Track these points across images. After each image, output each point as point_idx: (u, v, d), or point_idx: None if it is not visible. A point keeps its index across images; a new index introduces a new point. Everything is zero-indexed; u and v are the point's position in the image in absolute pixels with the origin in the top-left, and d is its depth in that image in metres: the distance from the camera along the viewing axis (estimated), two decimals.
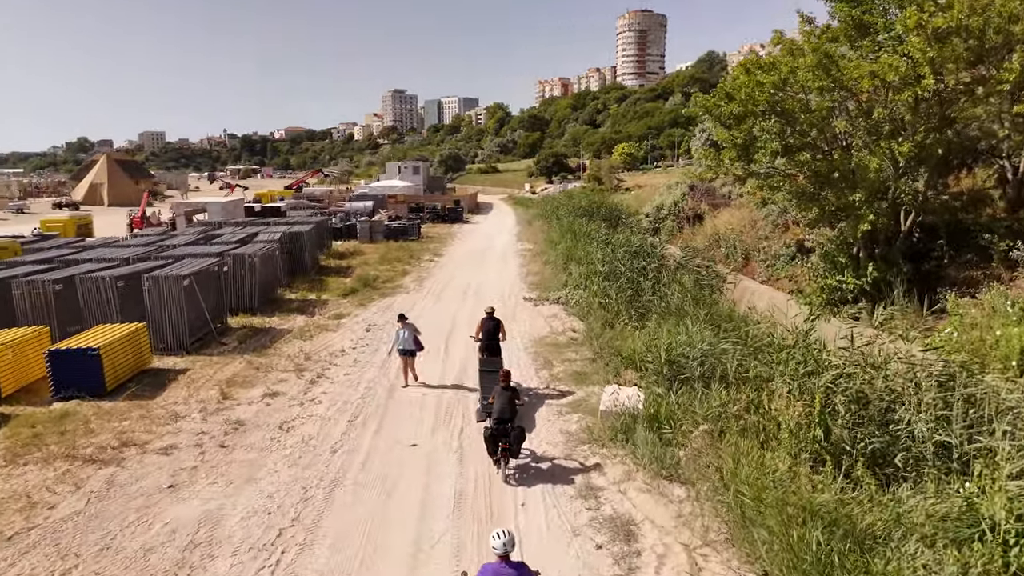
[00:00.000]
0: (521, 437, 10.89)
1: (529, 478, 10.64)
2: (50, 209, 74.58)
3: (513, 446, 10.64)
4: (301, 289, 26.39)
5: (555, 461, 11.21)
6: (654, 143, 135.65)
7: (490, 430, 10.67)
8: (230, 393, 14.33)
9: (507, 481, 10.55)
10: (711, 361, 12.82)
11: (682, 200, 35.77)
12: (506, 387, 11.19)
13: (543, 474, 10.75)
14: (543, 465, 11.08)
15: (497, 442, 10.60)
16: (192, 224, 37.47)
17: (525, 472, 10.85)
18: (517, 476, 10.79)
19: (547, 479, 10.57)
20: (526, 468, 10.97)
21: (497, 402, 10.92)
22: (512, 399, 10.95)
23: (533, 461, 11.25)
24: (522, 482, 10.52)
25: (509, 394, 11.01)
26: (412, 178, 76.23)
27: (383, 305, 23.88)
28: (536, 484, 10.43)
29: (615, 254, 27.02)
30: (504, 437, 10.55)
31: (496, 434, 10.58)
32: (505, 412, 10.69)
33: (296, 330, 20.01)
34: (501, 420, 10.64)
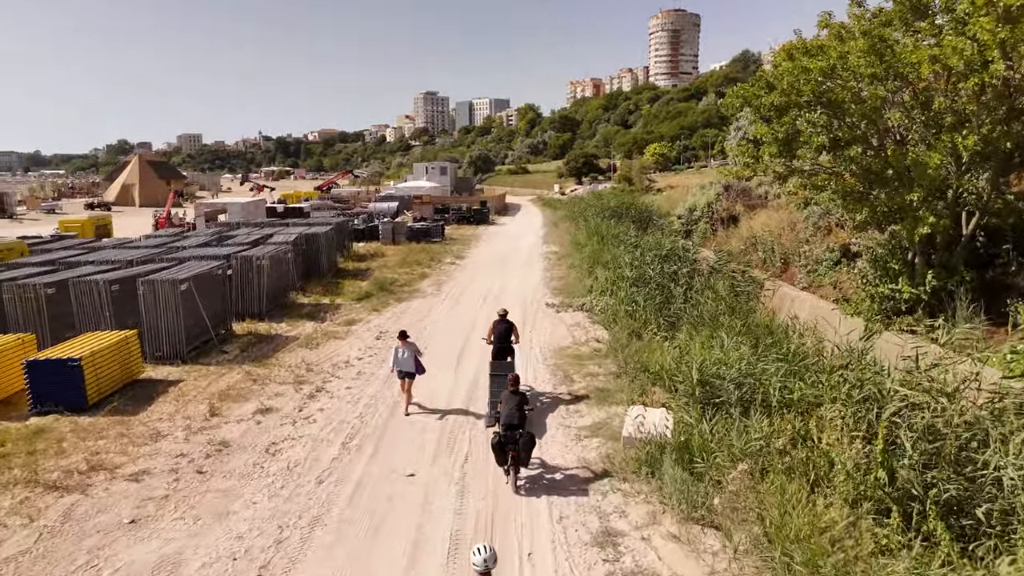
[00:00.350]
0: (531, 444, 10.41)
1: (539, 518, 9.26)
2: (82, 209, 75.47)
3: (522, 454, 10.16)
4: (315, 293, 25.36)
5: (570, 496, 9.80)
6: (687, 143, 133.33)
7: (498, 437, 10.12)
8: (220, 408, 13.21)
9: (517, 491, 9.96)
10: (750, 383, 11.28)
11: (716, 201, 33.99)
12: (514, 392, 10.66)
13: (555, 513, 9.36)
14: (556, 501, 9.68)
15: (506, 450, 10.05)
16: (214, 225, 36.83)
17: (534, 509, 9.47)
18: (527, 488, 10.00)
19: (559, 519, 9.17)
20: (535, 504, 9.59)
21: (505, 407, 10.37)
22: (521, 404, 10.43)
23: (545, 494, 9.86)
24: (530, 524, 9.13)
25: (518, 399, 10.49)
26: (439, 179, 75.29)
27: (398, 311, 22.68)
28: (546, 526, 9.04)
29: (644, 258, 25.48)
30: (513, 444, 10.01)
31: (504, 441, 10.03)
32: (513, 418, 10.16)
33: (303, 338, 18.89)
34: (509, 427, 10.08)
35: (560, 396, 14.08)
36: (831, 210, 23.19)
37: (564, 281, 27.77)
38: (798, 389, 10.90)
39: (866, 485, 8.20)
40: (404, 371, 13.11)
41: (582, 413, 13.08)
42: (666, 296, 21.13)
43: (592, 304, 22.20)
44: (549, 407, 13.46)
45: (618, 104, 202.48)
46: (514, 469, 10.11)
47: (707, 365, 11.78)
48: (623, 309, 20.23)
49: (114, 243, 26.37)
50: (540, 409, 13.26)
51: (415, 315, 21.94)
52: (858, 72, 14.93)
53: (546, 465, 10.84)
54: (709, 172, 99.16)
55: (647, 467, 10.16)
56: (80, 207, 76.80)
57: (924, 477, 8.27)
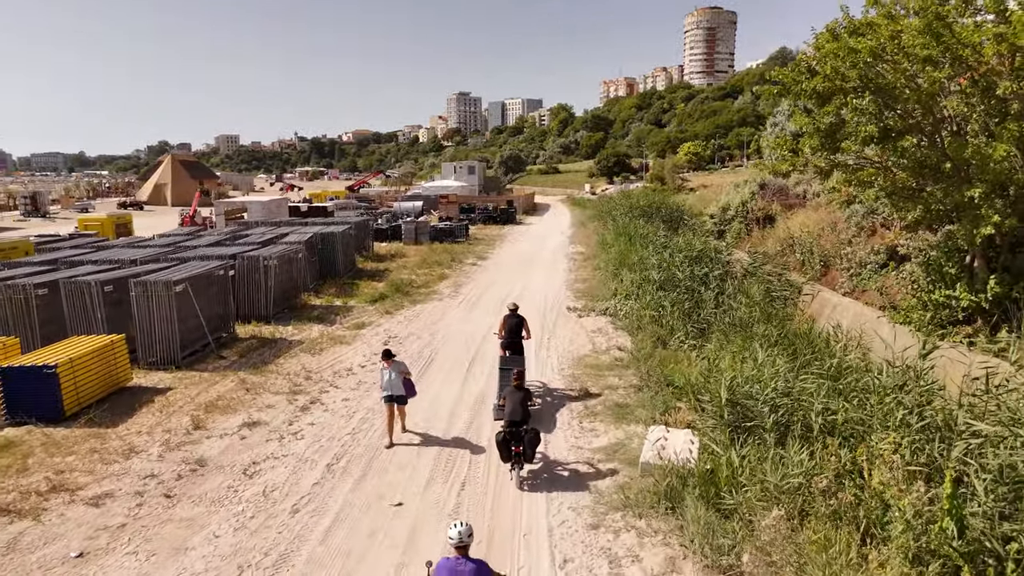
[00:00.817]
0: (535, 441, 10.18)
1: (540, 563, 8.00)
2: (115, 208, 76.33)
3: (527, 450, 9.99)
4: (328, 294, 24.43)
5: (577, 535, 8.52)
6: (721, 143, 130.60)
7: (502, 434, 9.96)
8: (205, 421, 12.21)
9: (520, 487, 9.85)
10: (788, 404, 9.85)
11: (751, 200, 32.27)
12: (518, 387, 10.65)
13: (558, 556, 8.09)
14: (560, 542, 8.41)
15: (510, 446, 9.91)
16: (234, 224, 36.25)
17: (535, 553, 8.21)
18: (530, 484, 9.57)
19: (562, 564, 7.91)
20: (536, 545, 8.34)
21: (508, 403, 10.38)
22: (524, 400, 10.41)
23: (548, 532, 8.60)
24: (528, 569, 7.88)
25: (521, 395, 10.46)
26: (467, 178, 74.36)
27: (411, 314, 21.59)
28: (547, 574, 7.78)
29: (673, 259, 24.02)
30: (517, 441, 9.88)
31: (509, 437, 9.90)
32: (517, 414, 10.14)
33: (307, 342, 17.90)
34: (513, 423, 10.04)
35: (575, 412, 12.78)
36: (877, 209, 21.49)
37: (588, 283, 26.42)
38: (843, 411, 9.46)
39: (930, 537, 6.78)
40: (394, 395, 11.40)
41: (598, 432, 11.78)
42: (695, 301, 19.69)
43: (616, 308, 20.83)
44: (562, 425, 12.18)
45: (652, 103, 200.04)
46: (518, 465, 9.97)
47: (738, 383, 10.36)
48: (648, 314, 18.85)
49: (126, 242, 25.82)
50: (552, 428, 12.01)
51: (427, 319, 20.82)
52: (912, 54, 13.34)
53: (552, 495, 9.57)
54: (744, 171, 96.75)
55: (667, 501, 8.84)
56: (114, 206, 77.73)
57: (1001, 529, 6.83)
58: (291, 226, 32.14)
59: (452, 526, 5.88)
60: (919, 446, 8.29)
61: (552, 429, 11.96)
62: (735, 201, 32.76)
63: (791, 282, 22.39)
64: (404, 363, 11.90)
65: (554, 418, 12.53)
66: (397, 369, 11.40)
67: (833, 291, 20.86)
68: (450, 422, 12.34)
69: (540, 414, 12.60)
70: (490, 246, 39.99)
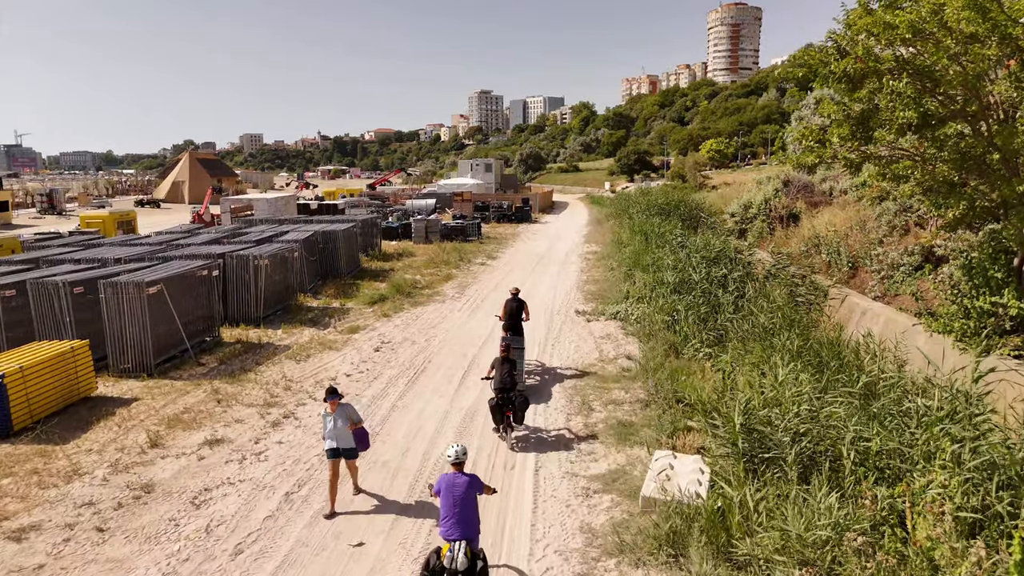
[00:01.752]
0: (525, 404, 11.20)
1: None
2: (132, 206, 76.31)
3: (518, 413, 10.99)
4: (327, 295, 23.35)
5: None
6: (745, 140, 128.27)
7: (494, 400, 10.95)
8: (164, 438, 11.12)
9: (512, 449, 10.80)
10: (814, 432, 8.45)
11: (774, 197, 30.65)
12: (505, 359, 11.52)
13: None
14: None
15: (503, 411, 10.86)
16: (241, 221, 35.38)
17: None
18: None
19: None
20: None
21: (497, 373, 11.24)
22: (511, 370, 11.31)
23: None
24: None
25: (508, 366, 11.35)
26: (484, 176, 73.14)
27: (410, 317, 20.42)
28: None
29: (690, 260, 22.58)
30: (508, 404, 10.85)
31: (500, 403, 10.87)
32: (506, 382, 11.03)
33: (295, 347, 16.80)
34: (503, 389, 10.94)
35: (572, 431, 11.48)
36: (912, 206, 19.91)
37: (600, 285, 25.05)
38: (878, 439, 8.06)
39: None
40: (340, 448, 8.87)
41: (596, 456, 10.47)
42: (712, 305, 18.28)
43: (627, 312, 19.47)
44: (558, 445, 10.89)
45: (674, 101, 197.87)
46: (509, 428, 10.98)
47: (754, 406, 8.98)
48: (661, 320, 17.48)
49: (121, 240, 24.97)
50: (545, 448, 10.75)
51: (425, 323, 19.62)
52: (955, 29, 11.81)
53: (538, 535, 8.29)
54: (767, 168, 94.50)
55: (668, 547, 7.52)
56: (131, 204, 77.74)
57: None
58: (295, 224, 31.19)
59: (449, 447, 7.15)
60: (972, 489, 6.90)
61: (545, 450, 10.68)
62: (757, 199, 31.16)
63: (817, 285, 20.84)
64: (354, 408, 9.39)
65: (550, 436, 11.26)
66: (344, 415, 8.95)
67: (862, 295, 19.29)
68: (431, 443, 11.08)
69: (537, 434, 11.36)
70: (502, 245, 38.74)
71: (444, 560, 6.33)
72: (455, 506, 6.61)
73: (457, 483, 6.75)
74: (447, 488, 6.75)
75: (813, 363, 12.23)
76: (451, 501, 6.64)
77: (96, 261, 18.41)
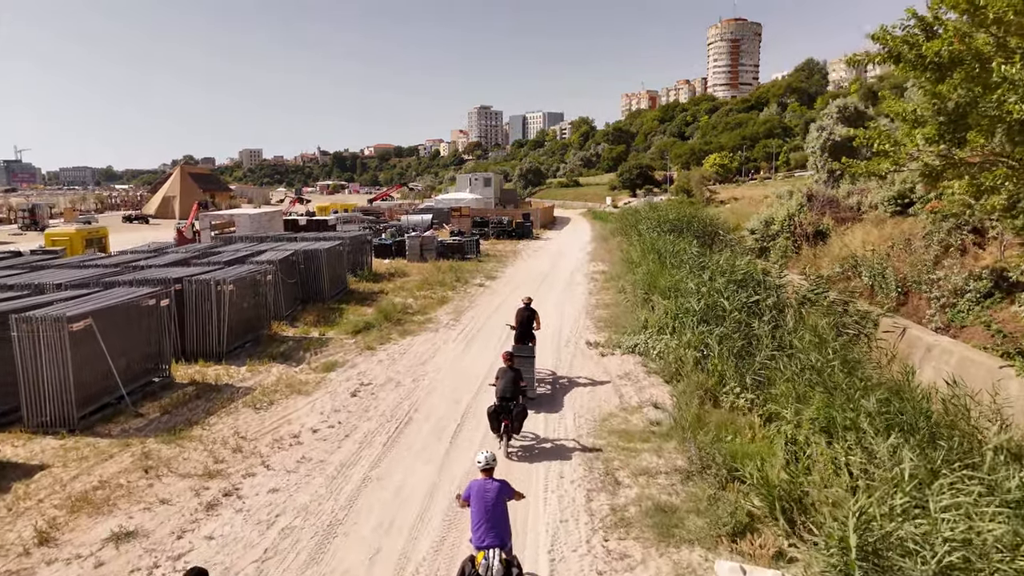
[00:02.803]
0: (523, 415, 11.17)
1: None
2: (120, 222, 73.84)
3: (515, 423, 10.89)
4: (306, 322, 20.73)
5: None
6: (748, 155, 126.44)
7: (493, 407, 10.91)
8: (61, 529, 8.45)
9: (509, 457, 10.63)
10: (952, 556, 5.78)
11: (798, 212, 28.13)
12: (509, 367, 11.50)
13: None
14: None
15: (500, 419, 10.79)
16: (219, 237, 32.79)
17: None
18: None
19: None
20: None
21: (500, 381, 11.19)
22: (515, 379, 11.26)
23: None
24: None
25: (512, 375, 11.29)
26: (482, 191, 70.73)
27: (397, 350, 17.78)
28: None
29: (714, 283, 19.99)
30: (507, 414, 10.76)
31: (499, 411, 10.80)
32: (507, 391, 10.97)
33: (259, 390, 14.14)
34: (504, 398, 10.89)
35: (597, 516, 8.81)
36: (983, 221, 17.36)
37: (611, 310, 22.44)
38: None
39: None
40: None
41: (632, 561, 7.78)
42: (747, 338, 15.68)
43: (647, 345, 16.84)
44: (578, 540, 8.22)
45: (674, 115, 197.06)
46: (506, 436, 10.91)
47: (872, 513, 6.29)
48: (691, 356, 14.85)
49: (78, 261, 22.37)
50: (562, 547, 8.08)
51: (414, 358, 16.97)
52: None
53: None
54: (775, 183, 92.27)
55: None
56: (119, 220, 75.34)
57: None
58: (278, 242, 28.66)
59: (479, 454, 7.18)
60: None
61: (563, 552, 8.00)
62: (780, 214, 28.63)
63: (864, 313, 18.23)
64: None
65: (568, 524, 8.59)
66: None
67: (921, 327, 16.66)
68: (411, 541, 8.34)
69: (555, 527, 8.70)
70: (502, 263, 36.17)
71: (479, 568, 6.24)
72: (486, 512, 6.56)
73: (488, 489, 6.74)
74: (478, 494, 6.71)
75: (901, 424, 9.59)
76: (482, 508, 6.59)
77: (29, 288, 15.81)
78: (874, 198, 28.39)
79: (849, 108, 33.86)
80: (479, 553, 6.34)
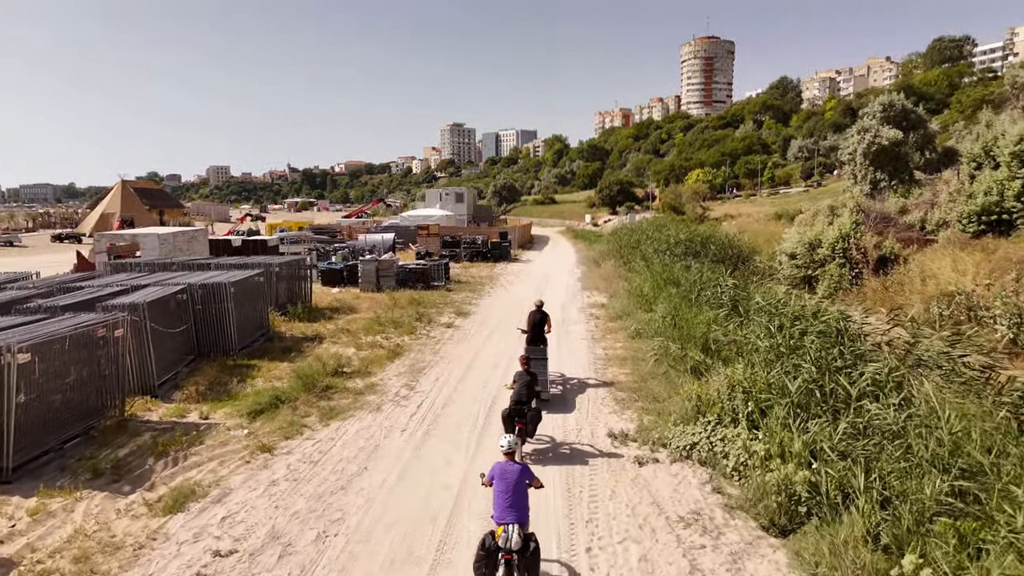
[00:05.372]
0: (537, 418, 11.15)
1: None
2: (48, 241, 66.13)
3: (529, 426, 10.89)
4: (188, 394, 14.05)
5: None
6: (731, 171, 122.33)
7: (508, 409, 10.87)
8: None
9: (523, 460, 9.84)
10: None
11: (854, 232, 22.09)
12: (526, 371, 11.64)
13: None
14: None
15: (514, 421, 10.72)
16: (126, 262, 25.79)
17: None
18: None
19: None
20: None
21: (516, 385, 11.19)
22: (531, 383, 11.36)
23: None
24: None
25: (528, 379, 11.38)
26: (454, 207, 64.27)
27: (308, 453, 11.12)
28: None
29: (787, 335, 13.73)
30: (521, 417, 10.74)
31: (513, 414, 10.78)
32: (522, 395, 10.97)
33: (24, 567, 7.45)
34: (519, 401, 10.87)
35: None
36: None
37: (630, 367, 16.06)
38: None
39: None
40: None
41: None
42: (854, 427, 9.47)
43: (712, 449, 10.43)
44: None
45: (649, 133, 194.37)
46: (520, 440, 10.31)
47: None
48: (802, 480, 8.51)
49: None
50: None
51: (329, 480, 10.17)
52: None
53: None
54: (761, 200, 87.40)
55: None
56: (47, 239, 67.63)
57: None
58: (187, 270, 21.90)
59: (502, 438, 7.62)
60: None
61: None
62: (829, 235, 22.51)
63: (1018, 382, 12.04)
64: None
65: None
66: None
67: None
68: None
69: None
70: (476, 293, 29.66)
71: (499, 540, 6.54)
72: (508, 491, 6.85)
73: (510, 470, 7.04)
74: (500, 475, 7.01)
75: None
76: (504, 487, 6.89)
77: None
78: (945, 214, 22.51)
79: (896, 106, 28.16)
80: (499, 528, 6.64)
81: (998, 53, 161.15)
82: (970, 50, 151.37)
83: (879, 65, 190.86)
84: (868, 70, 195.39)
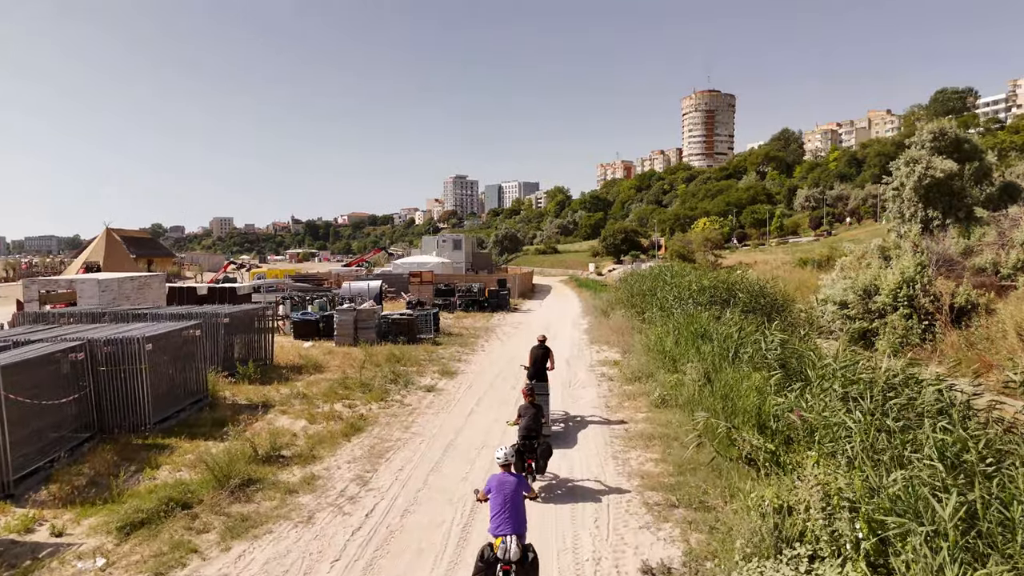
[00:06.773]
0: (547, 453, 10.76)
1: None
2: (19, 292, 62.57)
3: (539, 461, 10.60)
4: (61, 485, 10.13)
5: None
6: (737, 220, 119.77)
7: (517, 445, 10.35)
8: None
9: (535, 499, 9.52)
10: None
11: (920, 277, 18.30)
12: (531, 403, 11.16)
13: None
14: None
15: (523, 457, 10.38)
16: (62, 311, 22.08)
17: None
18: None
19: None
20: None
21: (524, 419, 10.85)
22: (537, 415, 10.93)
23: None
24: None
25: (534, 411, 10.96)
26: (451, 254, 60.87)
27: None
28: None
29: (885, 411, 9.82)
30: (531, 452, 10.46)
31: (523, 450, 10.41)
32: (532, 429, 10.66)
33: None
34: (528, 436, 10.59)
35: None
36: None
37: (660, 452, 12.08)
38: None
39: None
40: None
41: None
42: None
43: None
44: None
45: (651, 184, 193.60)
46: (530, 475, 10.40)
47: None
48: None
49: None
50: None
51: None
52: None
53: None
54: (770, 248, 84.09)
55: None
56: (21, 289, 64.07)
57: None
58: (119, 321, 18.21)
59: (498, 449, 7.62)
60: None
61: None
62: (889, 280, 18.71)
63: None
64: None
65: None
66: None
67: None
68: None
69: None
70: (467, 347, 25.78)
71: (498, 551, 6.47)
72: (505, 503, 6.80)
73: (507, 482, 7.02)
74: (497, 487, 6.99)
75: None
76: (501, 499, 6.83)
77: None
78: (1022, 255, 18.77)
79: (948, 135, 24.75)
80: (496, 539, 6.57)
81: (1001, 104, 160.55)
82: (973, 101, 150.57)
83: (880, 117, 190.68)
84: (869, 122, 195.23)
